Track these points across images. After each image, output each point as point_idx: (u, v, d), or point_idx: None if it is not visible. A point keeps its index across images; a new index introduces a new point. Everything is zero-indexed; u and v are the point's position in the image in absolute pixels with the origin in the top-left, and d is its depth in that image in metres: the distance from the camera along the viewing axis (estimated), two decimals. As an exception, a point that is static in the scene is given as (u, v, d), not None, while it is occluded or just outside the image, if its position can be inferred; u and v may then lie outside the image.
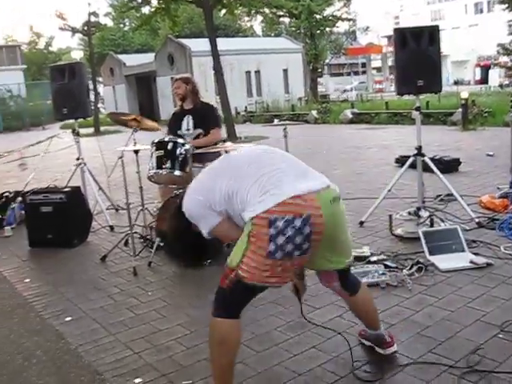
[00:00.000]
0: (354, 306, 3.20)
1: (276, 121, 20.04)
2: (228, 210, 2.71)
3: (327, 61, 46.65)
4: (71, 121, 7.17)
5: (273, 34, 45.12)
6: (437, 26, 5.70)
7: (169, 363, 3.28)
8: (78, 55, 32.47)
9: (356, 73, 59.85)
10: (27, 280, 5.06)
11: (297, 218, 2.46)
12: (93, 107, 24.55)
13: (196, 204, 2.79)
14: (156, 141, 5.24)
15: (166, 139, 5.23)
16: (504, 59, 41.28)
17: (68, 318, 4.05)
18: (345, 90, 44.46)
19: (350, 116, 20.12)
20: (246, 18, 48.92)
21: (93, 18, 28.52)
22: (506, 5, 30.78)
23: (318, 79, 43.05)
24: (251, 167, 2.68)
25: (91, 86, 29.57)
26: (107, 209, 7.12)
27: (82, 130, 15.90)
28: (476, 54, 58.20)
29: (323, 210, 2.55)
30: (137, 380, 3.13)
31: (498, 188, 6.73)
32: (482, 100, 18.09)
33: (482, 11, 64.60)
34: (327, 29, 40.84)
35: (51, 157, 9.02)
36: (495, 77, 44.59)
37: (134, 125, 5.26)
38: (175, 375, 3.15)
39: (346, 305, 3.31)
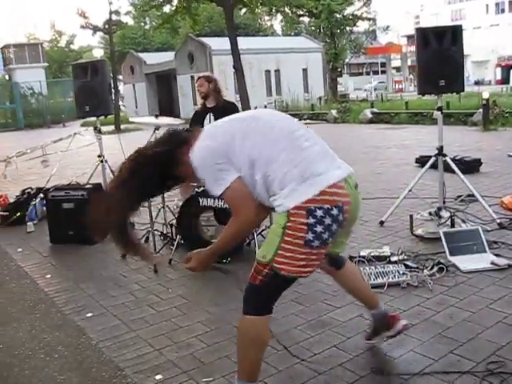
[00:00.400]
0: (344, 282, 3.20)
1: (295, 120, 20.00)
2: (247, 177, 2.53)
3: (347, 60, 46.45)
4: (92, 118, 7.21)
5: (293, 33, 45.05)
6: (460, 26, 5.65)
7: (189, 360, 3.30)
8: (98, 53, 32.78)
9: (376, 72, 59.61)
10: (48, 276, 5.12)
11: (334, 207, 2.46)
12: (114, 105, 24.72)
13: (211, 152, 2.54)
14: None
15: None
16: (526, 59, 40.80)
17: (89, 314, 4.09)
18: (365, 90, 44.31)
19: (370, 116, 20.03)
20: (266, 17, 48.96)
21: (114, 17, 28.70)
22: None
23: (338, 79, 42.90)
24: (287, 144, 2.55)
25: (112, 84, 29.90)
26: (127, 206, 7.15)
27: (103, 128, 16.07)
28: (497, 54, 57.62)
29: (350, 197, 2.56)
30: (158, 376, 3.15)
31: (520, 189, 6.67)
32: (503, 100, 17.91)
33: (503, 11, 63.87)
34: (347, 28, 40.67)
35: (73, 154, 9.12)
36: (517, 76, 44.13)
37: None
38: (196, 372, 3.16)
39: (338, 283, 3.26)
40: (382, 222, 5.84)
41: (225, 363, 3.21)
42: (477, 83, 46.62)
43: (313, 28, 41.61)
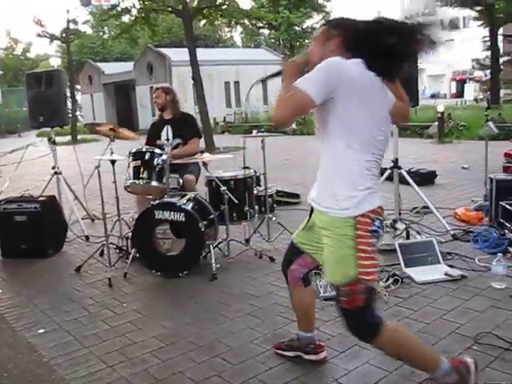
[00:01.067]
0: (300, 300, 3.18)
1: (254, 132, 20.02)
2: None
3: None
4: (48, 129, 7.08)
5: (252, 45, 45.31)
6: None
7: (143, 376, 3.24)
8: (56, 62, 32.37)
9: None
10: (-1, 291, 4.98)
11: (381, 219, 2.60)
12: (70, 115, 24.37)
13: (336, 68, 2.49)
14: (133, 151, 5.22)
15: (144, 149, 5.21)
16: (479, 74, 41.97)
17: (41, 330, 3.98)
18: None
19: (328, 128, 20.17)
20: (227, 29, 49.13)
21: (72, 26, 28.37)
22: (481, 21, 31.30)
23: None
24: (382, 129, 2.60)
25: (69, 94, 29.49)
26: (83, 218, 7.04)
27: (59, 139, 15.81)
28: (452, 69, 59.03)
29: None
30: (110, 394, 3.08)
31: (473, 201, 6.81)
32: (457, 113, 18.33)
33: (457, 27, 65.55)
34: (306, 41, 41.12)
35: (27, 165, 8.93)
36: (471, 91, 45.23)
37: (111, 134, 5.22)
38: (149, 389, 3.10)
39: (294, 298, 3.23)
40: (338, 234, 5.86)
41: (179, 379, 3.16)
42: (433, 96, 47.60)
43: (272, 40, 41.94)
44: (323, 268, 2.78)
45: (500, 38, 32.07)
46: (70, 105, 28.94)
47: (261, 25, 39.56)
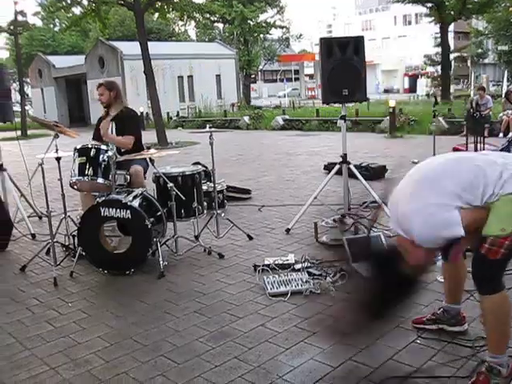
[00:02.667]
0: (456, 273, 3.39)
1: (208, 126, 19.95)
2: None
3: (261, 67, 46.98)
4: (-4, 124, 6.88)
5: (207, 39, 45.07)
6: (362, 37, 5.79)
7: (87, 378, 3.17)
8: (4, 55, 31.52)
9: (289, 79, 60.57)
10: None
11: None
12: (19, 110, 23.76)
13: (432, 214, 2.70)
14: (79, 147, 5.11)
15: (89, 145, 5.11)
16: (430, 69, 42.77)
17: (-19, 333, 3.87)
18: (279, 96, 44.82)
19: (282, 122, 20.30)
20: (180, 23, 48.71)
21: (20, 17, 27.63)
22: (432, 18, 31.91)
23: (252, 85, 43.28)
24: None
25: (18, 88, 28.75)
26: (29, 216, 6.87)
27: (7, 134, 15.42)
28: (405, 64, 60.07)
29: None
30: (51, 397, 3.01)
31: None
32: (409, 108, 18.65)
33: (410, 23, 66.69)
34: (261, 35, 41.17)
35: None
36: (422, 86, 46.10)
37: (56, 129, 5.09)
38: (92, 390, 3.05)
39: (445, 273, 3.46)
40: (288, 230, 5.89)
41: (123, 380, 3.11)
42: (386, 91, 48.33)
43: (226, 34, 41.81)
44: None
45: (451, 35, 32.76)
46: (19, 99, 28.30)
47: (214, 19, 39.43)
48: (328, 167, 9.19)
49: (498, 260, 2.73)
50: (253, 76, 44.34)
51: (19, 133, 23.19)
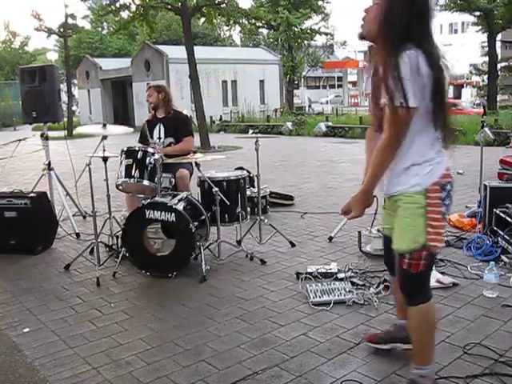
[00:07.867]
0: None
1: (250, 131, 20.04)
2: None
3: (304, 73, 46.89)
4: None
5: (251, 45, 45.25)
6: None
7: (128, 380, 3.18)
8: (53, 56, 32.12)
9: (332, 86, 60.31)
10: (-15, 288, 4.90)
11: (452, 180, 2.70)
12: (66, 110, 24.26)
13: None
14: (125, 149, 5.17)
15: (136, 148, 5.17)
16: (476, 79, 41.99)
17: (26, 330, 3.92)
18: (321, 103, 44.68)
19: (325, 129, 20.20)
20: (225, 28, 49.03)
21: (70, 20, 28.26)
22: (480, 27, 31.36)
23: (295, 91, 43.24)
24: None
25: (65, 89, 29.35)
26: (74, 215, 6.98)
27: (54, 133, 15.73)
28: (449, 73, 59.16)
29: None
30: (93, 396, 3.03)
31: (467, 207, 6.78)
32: (454, 118, 18.28)
33: (456, 31, 65.73)
34: (305, 42, 41.10)
35: (20, 159, 8.85)
36: (468, 95, 45.28)
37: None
38: (133, 392, 3.05)
39: (394, 287, 3.22)
40: (330, 238, 5.83)
41: (164, 383, 3.11)
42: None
43: (271, 40, 41.87)
44: (393, 236, 2.81)
45: (498, 44, 32.13)
46: (66, 99, 28.89)
47: (260, 24, 39.52)
48: (371, 176, 9.07)
49: (422, 272, 2.71)
50: (296, 82, 44.26)
51: (66, 132, 23.67)
